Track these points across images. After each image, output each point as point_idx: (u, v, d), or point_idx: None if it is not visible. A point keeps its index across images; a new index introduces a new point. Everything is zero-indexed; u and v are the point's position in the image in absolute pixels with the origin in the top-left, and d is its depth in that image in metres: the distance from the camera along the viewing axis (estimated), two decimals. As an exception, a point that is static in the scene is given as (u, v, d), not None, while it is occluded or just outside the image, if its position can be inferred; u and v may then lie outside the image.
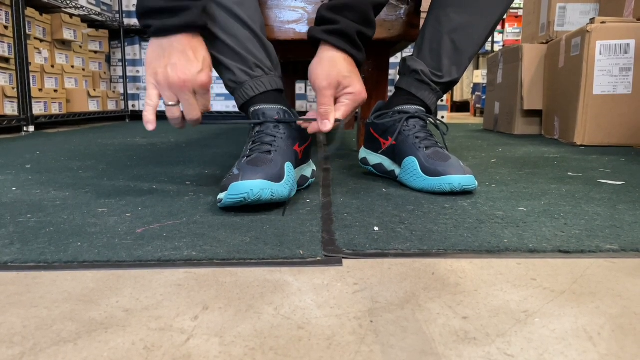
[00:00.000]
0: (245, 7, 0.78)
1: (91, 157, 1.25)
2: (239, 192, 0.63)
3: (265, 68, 0.79)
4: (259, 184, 0.63)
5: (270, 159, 0.68)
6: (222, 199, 0.65)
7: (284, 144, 0.73)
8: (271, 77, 0.80)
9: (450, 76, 0.88)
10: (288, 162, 0.70)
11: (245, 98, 0.78)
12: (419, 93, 0.88)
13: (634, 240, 0.53)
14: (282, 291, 0.41)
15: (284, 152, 0.71)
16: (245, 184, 0.63)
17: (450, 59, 0.87)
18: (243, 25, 0.78)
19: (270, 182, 0.64)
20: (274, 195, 0.64)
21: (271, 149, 0.71)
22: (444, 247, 0.51)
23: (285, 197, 0.67)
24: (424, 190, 0.79)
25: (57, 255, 0.49)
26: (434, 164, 0.78)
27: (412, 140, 0.83)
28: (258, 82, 0.78)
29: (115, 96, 3.22)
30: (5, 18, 2.12)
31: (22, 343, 0.33)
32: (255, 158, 0.68)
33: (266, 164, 0.67)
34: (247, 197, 0.62)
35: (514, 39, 4.29)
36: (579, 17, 1.95)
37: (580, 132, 1.57)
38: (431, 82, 0.87)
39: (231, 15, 0.77)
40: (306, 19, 1.18)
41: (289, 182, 0.68)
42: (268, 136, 0.73)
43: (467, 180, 0.76)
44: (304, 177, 0.79)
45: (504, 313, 0.36)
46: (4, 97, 2.09)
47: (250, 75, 0.78)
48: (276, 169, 0.66)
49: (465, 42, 0.86)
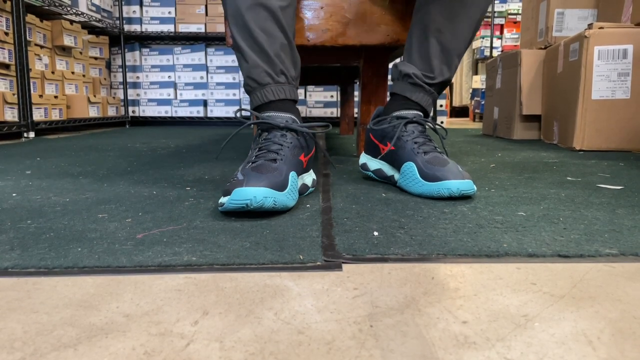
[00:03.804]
0: (286, 14, 0.79)
1: (91, 163, 1.25)
2: (242, 198, 0.62)
3: (289, 77, 0.81)
4: (262, 192, 0.63)
5: (276, 167, 0.68)
6: (224, 203, 0.65)
7: (290, 153, 0.73)
8: (292, 87, 0.81)
9: (442, 76, 0.89)
10: (293, 171, 0.70)
11: (263, 100, 0.79)
12: (413, 96, 0.88)
13: (633, 244, 0.53)
14: (282, 296, 0.41)
15: (290, 161, 0.72)
16: (249, 191, 0.62)
17: (439, 59, 0.88)
18: (281, 30, 0.79)
19: (273, 191, 0.64)
20: (277, 204, 0.64)
21: (277, 157, 0.71)
22: (443, 252, 0.51)
23: (287, 206, 0.67)
24: (423, 196, 0.79)
25: (57, 261, 0.49)
26: (432, 169, 0.78)
27: (410, 146, 0.83)
28: (280, 88, 0.79)
29: (116, 102, 3.23)
30: (5, 24, 2.13)
31: (23, 348, 0.33)
32: (261, 165, 0.68)
33: (271, 172, 0.66)
34: (249, 204, 0.62)
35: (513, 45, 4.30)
36: (577, 22, 1.96)
37: (579, 136, 1.57)
38: (424, 84, 0.88)
39: (273, 17, 0.77)
40: (305, 25, 1.18)
41: (292, 191, 0.68)
42: (275, 144, 0.73)
43: (466, 185, 0.76)
44: (305, 185, 0.80)
45: (503, 317, 0.37)
46: (5, 103, 2.10)
47: (274, 79, 0.79)
48: (280, 178, 0.66)
49: (451, 41, 0.87)
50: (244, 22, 0.77)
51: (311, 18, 1.17)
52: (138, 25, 3.37)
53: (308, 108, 3.42)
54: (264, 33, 0.77)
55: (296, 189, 0.70)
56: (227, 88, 3.46)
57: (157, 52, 3.44)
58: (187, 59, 3.43)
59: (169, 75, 3.45)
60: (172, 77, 3.45)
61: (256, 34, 0.77)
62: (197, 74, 3.44)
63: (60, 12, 2.63)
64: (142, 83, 3.46)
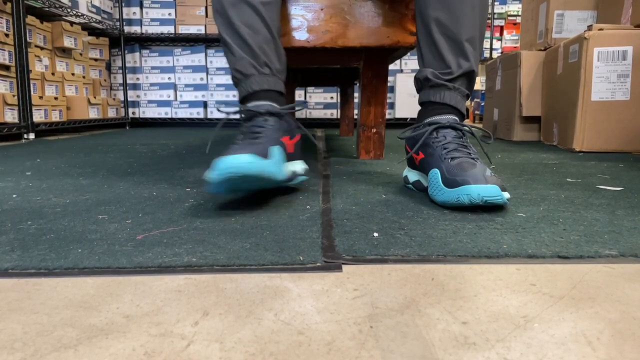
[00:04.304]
0: (268, 9, 0.83)
1: (91, 164, 1.25)
2: (226, 166, 0.61)
3: (273, 69, 0.84)
4: (246, 158, 0.62)
5: (258, 142, 0.71)
6: (209, 178, 0.64)
7: (272, 133, 0.76)
8: (276, 78, 0.84)
9: (460, 68, 0.82)
10: (276, 146, 0.73)
11: (248, 91, 0.82)
12: (438, 97, 0.83)
13: (632, 245, 0.53)
14: (282, 297, 0.41)
15: (272, 138, 0.74)
16: (232, 158, 0.62)
17: (450, 52, 0.82)
18: (264, 24, 0.83)
19: (257, 156, 0.63)
20: (263, 171, 0.63)
21: (259, 136, 0.74)
22: (443, 253, 0.51)
23: (274, 176, 0.66)
24: (446, 205, 0.70)
25: (57, 262, 0.49)
26: (454, 174, 0.70)
27: (439, 152, 0.77)
28: (264, 79, 0.82)
29: (116, 103, 3.23)
30: (6, 26, 2.13)
31: (23, 349, 0.33)
32: (243, 142, 0.71)
33: (253, 145, 0.69)
34: (235, 171, 0.61)
35: (513, 46, 4.31)
36: (577, 24, 1.97)
37: (578, 138, 1.58)
38: (445, 81, 0.82)
39: (256, 12, 0.82)
40: (305, 27, 1.18)
41: (278, 163, 0.69)
42: (257, 127, 0.77)
43: (489, 191, 0.65)
44: (294, 172, 0.81)
45: (503, 318, 0.37)
46: (5, 105, 2.10)
47: (258, 71, 0.83)
48: (262, 149, 0.68)
49: (454, 29, 0.81)
50: (228, 18, 0.82)
51: (311, 19, 1.17)
52: (138, 26, 3.37)
53: (308, 109, 3.42)
54: (248, 27, 0.82)
55: (282, 162, 0.72)
56: (227, 89, 3.46)
57: (157, 53, 3.45)
58: (187, 60, 3.43)
59: (169, 76, 3.45)
60: (172, 78, 3.46)
61: (240, 29, 0.82)
62: (197, 76, 3.44)
63: (60, 14, 2.63)
64: (142, 84, 3.47)
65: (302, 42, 1.18)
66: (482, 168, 0.70)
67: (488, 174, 0.68)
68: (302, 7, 1.17)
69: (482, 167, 0.70)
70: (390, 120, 3.37)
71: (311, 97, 3.41)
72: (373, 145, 1.36)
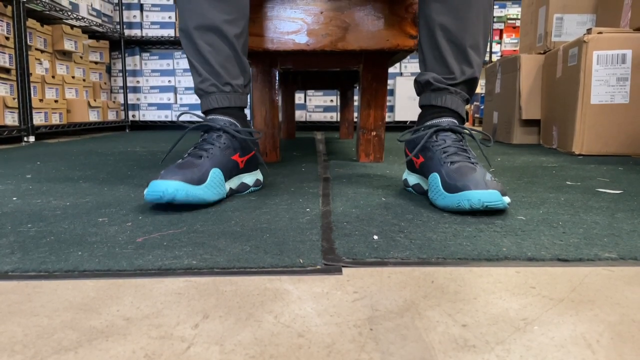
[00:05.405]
0: (231, 27, 0.85)
1: (91, 167, 1.25)
2: (155, 190, 0.69)
3: (235, 86, 0.87)
4: (174, 185, 0.69)
5: (197, 164, 0.75)
6: (145, 196, 0.71)
7: (220, 152, 0.79)
8: (237, 95, 0.87)
9: (463, 75, 0.82)
10: (216, 168, 0.76)
11: (208, 107, 0.86)
12: (439, 101, 0.83)
13: (632, 248, 0.53)
14: (282, 299, 0.41)
15: (217, 159, 0.78)
16: (161, 184, 0.69)
17: (454, 58, 0.82)
18: (227, 43, 0.86)
19: (185, 184, 0.70)
20: (189, 197, 0.70)
21: (204, 155, 0.77)
22: (443, 256, 0.51)
23: (205, 199, 0.72)
24: (447, 210, 0.70)
25: (57, 265, 0.49)
26: (454, 179, 0.70)
27: (439, 155, 0.77)
28: (224, 96, 0.86)
29: (116, 106, 3.24)
30: (6, 29, 2.13)
31: (23, 352, 0.33)
32: (184, 162, 0.75)
33: (190, 168, 0.73)
34: (162, 196, 0.69)
35: (512, 49, 4.32)
36: (576, 27, 1.97)
37: (578, 141, 1.58)
38: (447, 85, 0.82)
39: (216, 32, 0.84)
40: (305, 30, 1.19)
41: (213, 186, 0.74)
42: (208, 144, 0.80)
43: (490, 196, 0.65)
44: (244, 184, 0.85)
45: (503, 321, 0.37)
46: (5, 108, 2.10)
47: (219, 89, 0.86)
48: (198, 173, 0.73)
49: (459, 35, 0.81)
50: (191, 38, 0.85)
51: (311, 23, 1.18)
52: (138, 29, 3.38)
53: (308, 112, 3.42)
54: (209, 46, 0.85)
55: (219, 184, 0.76)
56: (227, 92, 3.46)
57: (157, 56, 3.45)
58: (187, 63, 3.43)
59: (169, 79, 3.46)
60: (172, 81, 3.46)
61: (201, 48, 0.85)
62: (197, 79, 3.44)
63: (60, 17, 2.63)
64: (142, 87, 3.47)
65: (302, 45, 1.19)
66: (482, 172, 0.70)
67: (488, 178, 0.69)
68: (302, 10, 1.17)
69: (482, 172, 0.70)
70: (390, 123, 3.38)
71: (311, 100, 3.41)
72: (373, 148, 1.36)
